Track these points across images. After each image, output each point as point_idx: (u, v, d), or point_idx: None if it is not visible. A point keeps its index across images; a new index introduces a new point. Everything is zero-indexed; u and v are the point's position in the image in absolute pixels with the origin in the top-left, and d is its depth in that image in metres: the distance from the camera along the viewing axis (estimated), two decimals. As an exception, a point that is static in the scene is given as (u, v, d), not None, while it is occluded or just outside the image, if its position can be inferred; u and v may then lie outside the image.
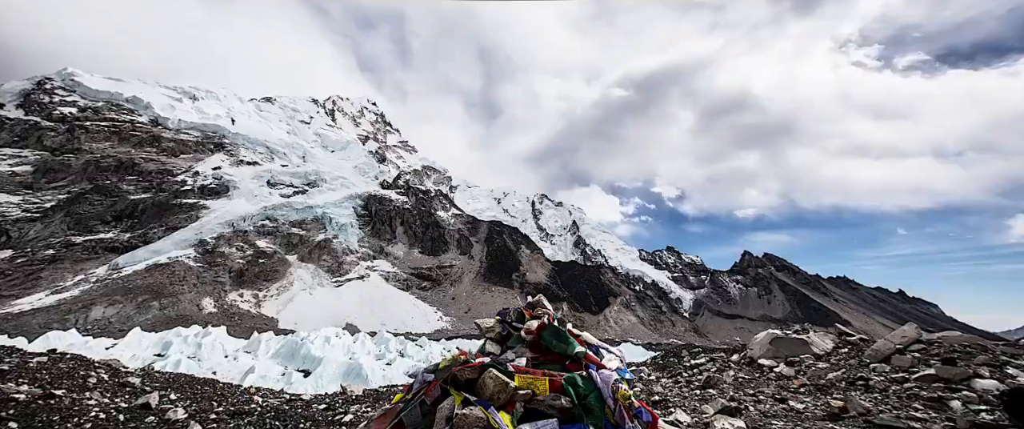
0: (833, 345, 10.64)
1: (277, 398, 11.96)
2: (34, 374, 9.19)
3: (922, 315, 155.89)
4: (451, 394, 2.47)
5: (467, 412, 2.17)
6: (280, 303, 75.07)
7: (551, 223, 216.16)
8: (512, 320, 3.65)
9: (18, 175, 74.80)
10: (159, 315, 58.00)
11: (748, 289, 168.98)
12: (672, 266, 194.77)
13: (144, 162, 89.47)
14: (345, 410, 9.45)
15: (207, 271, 71.36)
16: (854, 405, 5.23)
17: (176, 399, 9.88)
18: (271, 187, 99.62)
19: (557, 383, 2.49)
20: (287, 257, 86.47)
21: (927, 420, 4.78)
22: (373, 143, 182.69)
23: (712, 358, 12.95)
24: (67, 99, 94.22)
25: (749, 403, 6.63)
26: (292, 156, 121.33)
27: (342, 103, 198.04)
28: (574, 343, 2.99)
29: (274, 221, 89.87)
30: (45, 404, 7.53)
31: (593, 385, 2.47)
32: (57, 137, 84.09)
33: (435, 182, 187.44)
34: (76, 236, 68.94)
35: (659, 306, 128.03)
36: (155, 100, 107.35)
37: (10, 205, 68.96)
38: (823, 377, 7.74)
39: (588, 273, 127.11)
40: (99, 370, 10.76)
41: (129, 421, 7.64)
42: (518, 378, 2.52)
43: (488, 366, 2.58)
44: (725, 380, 9.21)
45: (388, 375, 26.80)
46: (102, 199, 76.72)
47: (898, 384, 6.25)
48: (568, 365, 2.90)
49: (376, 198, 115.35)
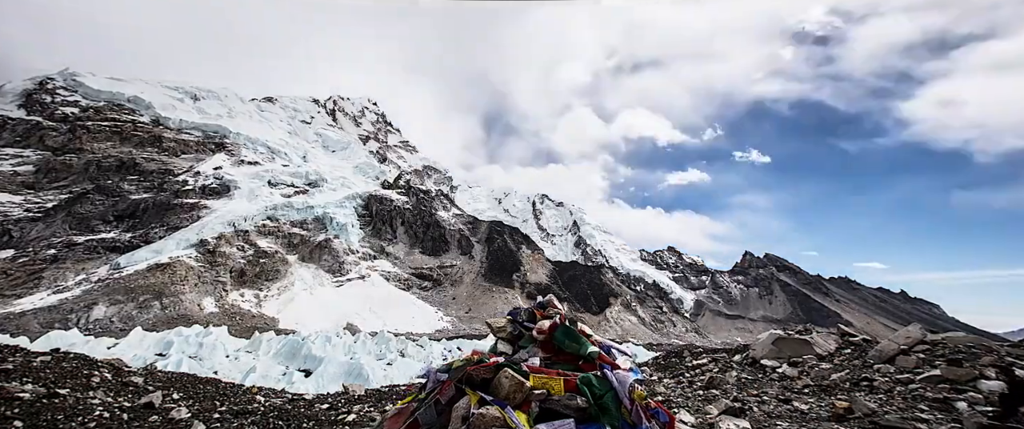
0: (836, 346, 10.60)
1: (279, 398, 11.97)
2: (38, 373, 9.20)
3: (924, 316, 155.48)
4: (466, 394, 2.45)
5: (484, 411, 2.16)
6: (281, 303, 75.13)
7: (552, 223, 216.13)
8: (523, 320, 3.62)
9: (20, 175, 74.97)
10: (160, 315, 58.08)
11: (749, 290, 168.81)
12: (673, 266, 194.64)
13: (145, 162, 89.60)
14: (348, 410, 9.46)
15: (208, 271, 71.44)
16: (859, 406, 5.21)
17: (179, 399, 9.89)
18: (272, 187, 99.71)
19: (572, 383, 2.47)
20: (288, 257, 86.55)
21: (933, 421, 4.75)
22: (374, 143, 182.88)
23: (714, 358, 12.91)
24: (69, 99, 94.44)
25: (753, 403, 6.61)
26: (293, 156, 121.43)
27: (343, 103, 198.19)
28: (587, 343, 2.97)
29: (275, 221, 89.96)
30: (50, 403, 7.54)
31: (608, 385, 2.45)
32: (59, 137, 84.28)
33: (436, 182, 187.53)
34: (78, 236, 69.07)
35: (660, 306, 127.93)
36: (156, 100, 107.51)
37: (12, 205, 69.11)
38: (827, 378, 7.71)
39: (589, 273, 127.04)
40: (102, 369, 10.78)
41: (133, 420, 7.65)
42: (533, 378, 2.50)
43: (503, 366, 2.57)
44: (728, 380, 9.18)
45: (389, 375, 26.79)
46: (103, 199, 76.86)
47: (903, 385, 6.23)
48: (581, 365, 2.87)
49: (377, 198, 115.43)
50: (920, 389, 5.85)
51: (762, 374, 9.64)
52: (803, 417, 5.49)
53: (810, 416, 5.49)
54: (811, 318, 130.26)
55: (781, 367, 9.80)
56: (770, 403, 6.65)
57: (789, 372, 9.14)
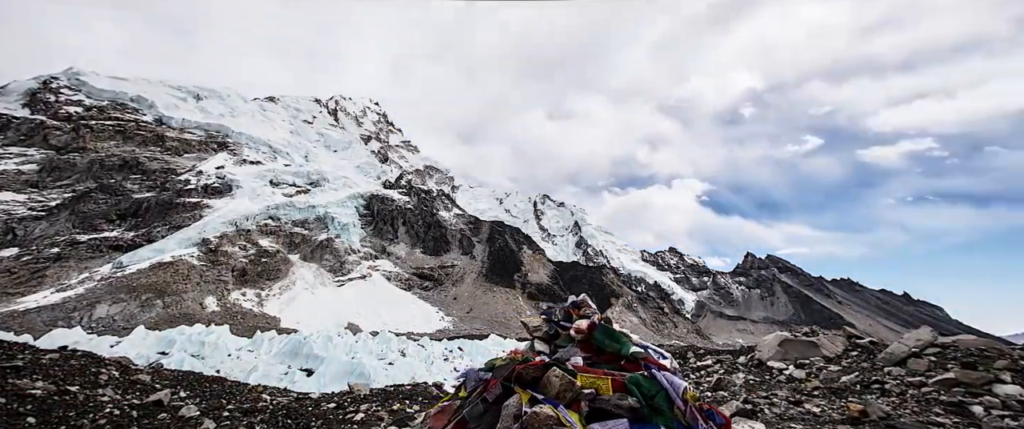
0: (843, 348, 10.57)
1: (285, 396, 11.99)
2: (47, 370, 9.24)
3: (927, 318, 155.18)
4: (514, 392, 2.44)
5: (538, 410, 2.14)
6: (282, 302, 75.24)
7: (553, 223, 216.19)
8: (558, 319, 3.62)
9: (24, 173, 75.27)
10: (162, 313, 58.21)
11: (751, 291, 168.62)
12: (674, 267, 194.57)
13: (148, 161, 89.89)
14: (355, 409, 9.48)
15: (210, 270, 71.59)
16: (874, 409, 5.18)
17: (186, 396, 9.91)
18: (274, 186, 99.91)
19: (619, 383, 2.46)
20: (289, 256, 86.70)
21: (949, 426, 4.72)
22: (375, 143, 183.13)
23: (719, 360, 12.89)
24: (73, 98, 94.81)
25: (763, 406, 6.59)
26: (295, 156, 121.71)
27: (344, 103, 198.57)
28: (628, 343, 2.95)
29: (277, 220, 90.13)
30: (60, 400, 7.57)
31: (658, 386, 2.42)
32: (62, 136, 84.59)
33: (437, 182, 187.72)
34: (81, 234, 69.28)
35: (661, 307, 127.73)
36: (159, 99, 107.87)
37: (16, 203, 69.39)
38: (836, 380, 7.69)
39: (590, 274, 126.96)
40: (110, 367, 10.81)
41: (143, 417, 7.68)
42: (581, 377, 2.49)
43: (550, 364, 2.55)
44: (735, 382, 9.16)
45: (391, 375, 26.77)
46: (107, 198, 77.10)
47: (915, 388, 6.19)
48: (623, 365, 2.85)
49: (378, 198, 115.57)
50: (933, 392, 5.82)
51: (769, 376, 9.62)
52: (816, 420, 5.46)
53: (823, 419, 5.46)
54: (813, 320, 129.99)
55: (788, 369, 9.76)
56: (780, 405, 6.63)
57: (797, 374, 9.11)
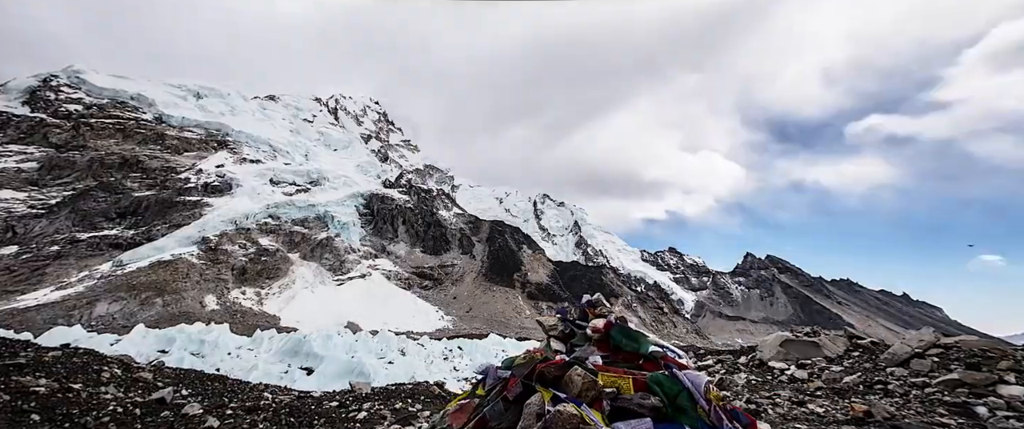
0: (845, 348, 10.58)
1: (286, 395, 11.99)
2: (50, 368, 9.25)
3: (926, 319, 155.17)
4: (536, 390, 2.43)
5: (561, 409, 2.12)
6: (282, 301, 75.25)
7: (553, 223, 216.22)
8: (575, 317, 3.62)
9: (24, 172, 75.17)
10: (162, 312, 58.20)
11: (750, 291, 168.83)
12: (674, 267, 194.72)
13: (148, 159, 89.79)
14: (358, 408, 9.49)
15: (210, 268, 71.57)
16: (878, 410, 5.19)
17: (188, 395, 9.92)
18: (274, 185, 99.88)
19: (640, 382, 2.45)
20: (289, 255, 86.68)
21: (953, 427, 4.73)
22: (375, 142, 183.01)
23: (720, 360, 12.89)
24: (73, 96, 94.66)
25: (767, 406, 6.60)
26: (295, 154, 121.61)
27: (345, 102, 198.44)
28: (647, 342, 2.96)
29: (277, 219, 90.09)
30: (64, 397, 7.58)
31: (680, 385, 2.41)
32: (62, 134, 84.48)
33: (437, 181, 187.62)
34: (81, 233, 69.24)
35: (660, 307, 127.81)
36: (159, 98, 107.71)
37: (16, 201, 69.30)
38: (839, 380, 7.69)
39: (590, 274, 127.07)
40: (112, 365, 10.81)
41: (146, 415, 7.68)
42: (602, 376, 2.48)
43: (571, 363, 2.55)
44: (737, 382, 9.16)
45: (391, 374, 26.76)
46: (107, 196, 77.03)
47: (919, 389, 6.20)
48: (642, 364, 2.85)
49: (378, 197, 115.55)
50: (937, 393, 5.83)
51: (771, 376, 9.62)
52: (820, 420, 5.47)
53: (827, 419, 5.46)
54: (812, 320, 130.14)
55: (790, 369, 9.76)
56: (783, 405, 6.64)
57: (799, 374, 9.12)
